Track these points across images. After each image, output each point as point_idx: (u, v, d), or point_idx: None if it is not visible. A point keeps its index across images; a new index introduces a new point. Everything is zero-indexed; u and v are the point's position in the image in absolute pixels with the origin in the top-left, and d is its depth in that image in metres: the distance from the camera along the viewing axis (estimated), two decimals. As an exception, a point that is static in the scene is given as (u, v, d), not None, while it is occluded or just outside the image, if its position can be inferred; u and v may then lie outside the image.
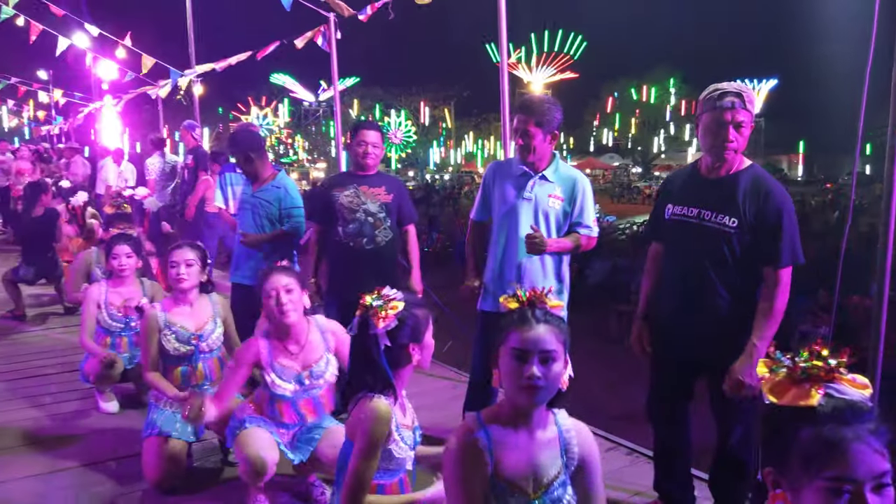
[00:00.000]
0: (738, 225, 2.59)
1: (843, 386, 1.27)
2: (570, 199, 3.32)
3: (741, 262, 2.61)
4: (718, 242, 2.62)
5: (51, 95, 18.25)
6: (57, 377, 4.86)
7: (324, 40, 6.80)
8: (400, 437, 2.22)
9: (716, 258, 2.64)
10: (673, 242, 2.86)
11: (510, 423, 1.81)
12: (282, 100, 48.86)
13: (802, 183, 48.49)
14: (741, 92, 2.58)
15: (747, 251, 2.60)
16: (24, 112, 26.94)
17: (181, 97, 10.46)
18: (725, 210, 2.61)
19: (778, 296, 2.57)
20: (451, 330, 5.62)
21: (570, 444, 1.86)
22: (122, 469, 3.45)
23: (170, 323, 3.46)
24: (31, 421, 4.07)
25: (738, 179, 2.64)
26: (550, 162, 3.33)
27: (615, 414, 5.01)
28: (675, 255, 2.84)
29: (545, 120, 3.20)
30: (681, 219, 2.76)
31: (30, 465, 3.49)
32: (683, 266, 2.76)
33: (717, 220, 2.63)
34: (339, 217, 3.95)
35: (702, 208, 2.68)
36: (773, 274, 2.57)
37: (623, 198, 39.77)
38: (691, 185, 2.80)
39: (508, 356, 1.77)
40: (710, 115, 2.62)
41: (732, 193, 2.62)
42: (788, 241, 2.55)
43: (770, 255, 2.56)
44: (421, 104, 50.31)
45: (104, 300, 4.34)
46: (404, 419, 2.29)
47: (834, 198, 28.49)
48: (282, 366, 2.94)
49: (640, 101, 54.67)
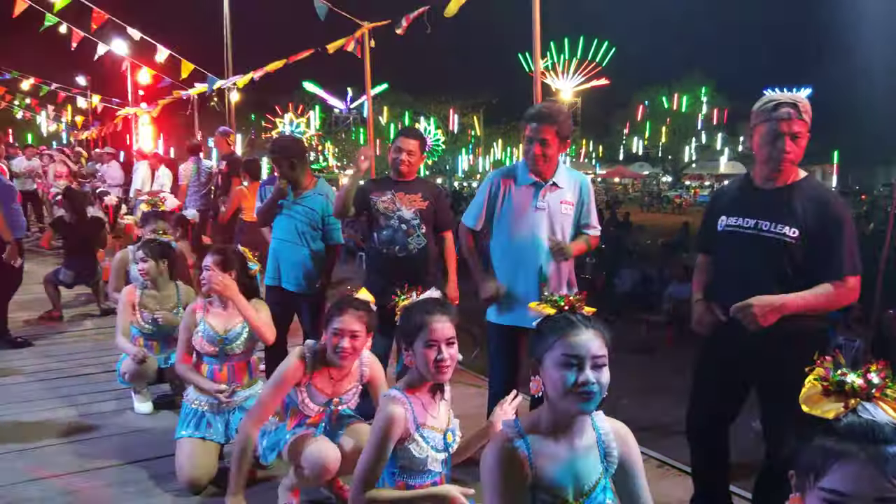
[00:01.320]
0: (798, 235, 2.54)
1: (878, 407, 1.25)
2: (579, 201, 3.37)
3: (800, 272, 2.56)
4: (777, 253, 2.58)
5: (89, 101, 18.67)
6: (93, 377, 4.97)
7: (356, 46, 6.89)
8: (421, 438, 2.25)
9: (774, 268, 2.59)
10: (727, 253, 2.80)
11: (550, 432, 1.79)
12: (313, 107, 49.31)
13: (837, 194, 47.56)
14: (796, 102, 2.57)
15: (806, 261, 2.56)
16: (63, 117, 27.54)
17: (215, 103, 10.62)
18: (785, 220, 2.57)
19: (840, 293, 2.52)
20: (478, 338, 5.63)
21: (610, 448, 1.85)
22: (156, 469, 3.51)
23: (203, 321, 3.53)
24: (67, 420, 4.16)
25: (796, 189, 2.61)
26: (557, 169, 3.35)
27: (644, 425, 4.96)
28: (730, 265, 2.78)
29: (563, 128, 3.24)
30: (735, 229, 2.72)
31: (65, 463, 3.57)
32: (739, 277, 2.69)
33: (775, 231, 2.59)
34: (375, 222, 4.00)
35: (759, 219, 2.64)
36: (839, 282, 2.53)
37: (652, 207, 39.43)
38: (746, 196, 2.76)
39: (556, 364, 1.73)
40: (765, 125, 2.60)
41: (791, 203, 2.58)
42: (849, 250, 2.52)
43: (831, 264, 2.53)
44: (450, 111, 50.44)
45: (139, 302, 4.44)
46: (432, 421, 2.31)
47: (869, 209, 27.95)
48: (316, 389, 2.92)
49: (670, 110, 54.11)
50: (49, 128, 31.96)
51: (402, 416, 2.22)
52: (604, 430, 1.86)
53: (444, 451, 2.32)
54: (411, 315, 2.28)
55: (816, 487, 1.21)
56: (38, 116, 26.91)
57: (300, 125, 43.58)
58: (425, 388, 2.34)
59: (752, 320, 2.52)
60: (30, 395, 4.59)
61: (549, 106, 3.35)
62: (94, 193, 9.54)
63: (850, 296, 2.55)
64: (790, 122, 2.55)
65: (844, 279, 2.52)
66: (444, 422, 2.38)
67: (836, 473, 1.19)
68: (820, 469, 1.21)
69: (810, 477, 1.23)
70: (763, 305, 2.51)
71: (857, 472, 1.17)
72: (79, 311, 7.01)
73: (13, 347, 5.61)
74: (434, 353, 2.22)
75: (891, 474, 1.16)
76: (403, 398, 2.26)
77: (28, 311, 6.68)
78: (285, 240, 4.32)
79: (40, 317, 6.57)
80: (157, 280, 4.47)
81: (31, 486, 3.31)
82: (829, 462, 1.20)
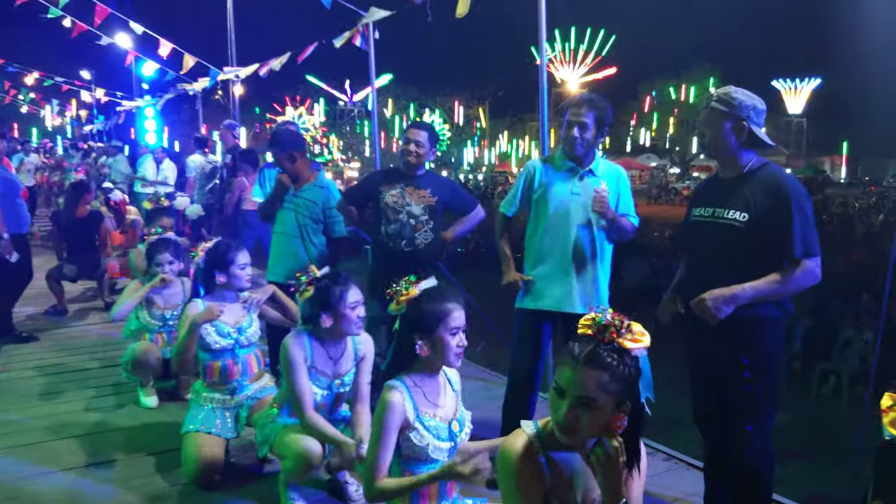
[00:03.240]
0: (747, 220, 2.61)
1: None
2: (615, 192, 3.36)
3: (752, 257, 2.60)
4: (729, 238, 2.65)
5: (93, 94, 18.67)
6: (98, 371, 4.96)
7: (362, 40, 6.83)
8: (422, 426, 2.23)
9: (726, 255, 2.65)
10: (692, 243, 2.93)
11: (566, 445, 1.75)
12: (317, 99, 49.28)
13: (845, 185, 47.38)
14: (715, 93, 2.73)
15: (758, 246, 2.59)
16: (67, 112, 27.62)
17: (220, 96, 10.59)
18: (735, 206, 2.65)
19: (792, 277, 2.55)
20: (484, 331, 5.60)
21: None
22: (161, 464, 3.51)
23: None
24: (73, 414, 4.15)
25: (749, 177, 2.69)
26: (594, 157, 3.36)
27: (653, 418, 4.93)
28: (693, 255, 2.91)
29: (603, 115, 3.27)
30: (698, 219, 2.83)
31: (70, 457, 3.57)
32: (699, 264, 2.82)
33: (727, 217, 2.67)
34: (383, 216, 3.97)
35: (716, 207, 2.73)
36: (794, 265, 2.55)
37: (660, 199, 39.27)
38: (710, 187, 2.91)
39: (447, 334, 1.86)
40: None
41: (743, 190, 2.67)
42: (800, 231, 2.54)
43: (782, 248, 2.56)
44: (455, 104, 50.34)
45: (146, 299, 4.46)
46: (436, 410, 2.29)
47: (879, 200, 27.78)
48: (318, 371, 2.96)
49: (678, 101, 53.87)
50: (54, 122, 32.06)
51: (399, 404, 2.21)
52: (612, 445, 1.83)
53: (448, 441, 2.29)
54: (429, 304, 2.27)
55: None
56: (43, 111, 26.99)
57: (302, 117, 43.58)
58: (429, 378, 2.33)
59: (708, 314, 2.60)
60: (35, 389, 4.58)
61: (590, 93, 3.46)
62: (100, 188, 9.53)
63: (807, 278, 2.56)
64: (700, 113, 2.79)
65: (798, 262, 2.55)
66: (450, 411, 2.36)
67: None
68: None
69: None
70: (715, 298, 2.59)
71: None
72: (83, 305, 7.01)
73: (18, 342, 5.61)
74: (457, 339, 2.27)
75: None
76: (401, 386, 2.25)
77: (33, 306, 6.68)
78: (286, 233, 4.31)
79: (45, 311, 6.57)
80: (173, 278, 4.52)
81: (37, 481, 3.30)
82: None
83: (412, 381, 2.29)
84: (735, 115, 2.66)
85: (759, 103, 2.70)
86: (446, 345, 2.26)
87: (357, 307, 2.90)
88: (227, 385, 3.53)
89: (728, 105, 2.67)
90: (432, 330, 2.25)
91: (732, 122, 2.67)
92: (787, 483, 3.18)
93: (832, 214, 21.16)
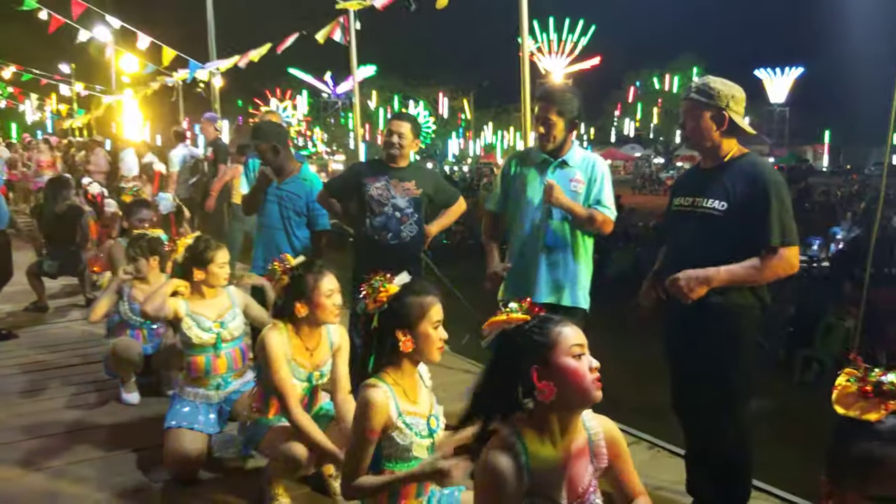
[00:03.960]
0: (726, 208, 2.62)
1: None
2: (590, 181, 3.34)
3: (731, 246, 2.61)
4: (708, 227, 2.66)
5: (72, 88, 18.44)
6: (79, 368, 4.91)
7: (342, 33, 6.77)
8: (405, 425, 2.22)
9: (705, 243, 2.66)
10: (673, 232, 2.95)
11: (547, 436, 1.75)
12: (300, 91, 48.99)
13: (828, 173, 47.80)
14: (694, 84, 2.75)
15: (737, 235, 2.60)
16: (47, 106, 27.28)
17: (201, 90, 10.49)
18: (714, 195, 2.66)
19: (768, 266, 2.56)
20: (469, 323, 5.59)
21: (600, 448, 1.84)
22: (144, 460, 3.48)
23: (192, 312, 3.48)
24: (54, 412, 4.11)
25: (729, 166, 2.70)
26: (569, 149, 3.35)
27: (635, 406, 4.96)
28: (674, 244, 2.92)
29: (566, 108, 3.25)
30: (679, 209, 2.85)
31: (52, 455, 3.53)
32: (679, 253, 2.82)
33: (706, 206, 2.68)
34: (368, 209, 3.94)
35: (696, 196, 2.74)
36: (771, 254, 2.56)
37: (645, 189, 39.41)
38: (692, 177, 2.92)
39: (569, 356, 1.70)
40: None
41: (722, 179, 2.68)
42: (778, 220, 2.54)
43: (759, 236, 2.57)
44: (439, 95, 50.22)
45: (127, 293, 4.41)
46: (413, 407, 2.28)
47: (860, 188, 28.04)
48: (297, 364, 2.93)
49: (662, 91, 54.07)
50: (34, 117, 31.66)
51: (383, 403, 2.18)
52: (594, 431, 1.85)
53: (428, 437, 2.28)
54: (411, 298, 2.25)
55: (861, 495, 1.16)
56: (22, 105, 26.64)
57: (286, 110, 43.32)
58: (406, 374, 2.30)
59: (681, 293, 2.62)
60: (15, 387, 4.53)
61: (553, 87, 3.45)
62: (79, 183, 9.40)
63: (784, 267, 2.57)
64: (681, 104, 2.80)
65: (775, 250, 2.55)
66: (426, 407, 2.35)
67: (884, 479, 1.14)
68: (864, 475, 1.16)
69: (850, 483, 1.18)
70: (689, 278, 2.60)
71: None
72: (64, 301, 6.93)
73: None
74: (439, 332, 2.27)
75: None
76: (383, 384, 2.22)
77: (12, 303, 6.58)
78: (270, 226, 4.28)
79: (26, 308, 6.49)
80: (147, 275, 4.46)
81: (17, 482, 3.26)
82: (873, 468, 1.15)
83: (392, 378, 2.27)
84: (714, 104, 2.66)
85: (737, 92, 2.70)
86: (428, 338, 2.25)
87: (332, 295, 2.88)
88: (212, 380, 3.50)
89: (707, 95, 2.67)
90: (415, 324, 2.23)
91: (712, 112, 2.67)
92: (770, 469, 3.20)
93: (814, 203, 21.36)
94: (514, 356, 1.75)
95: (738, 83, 2.73)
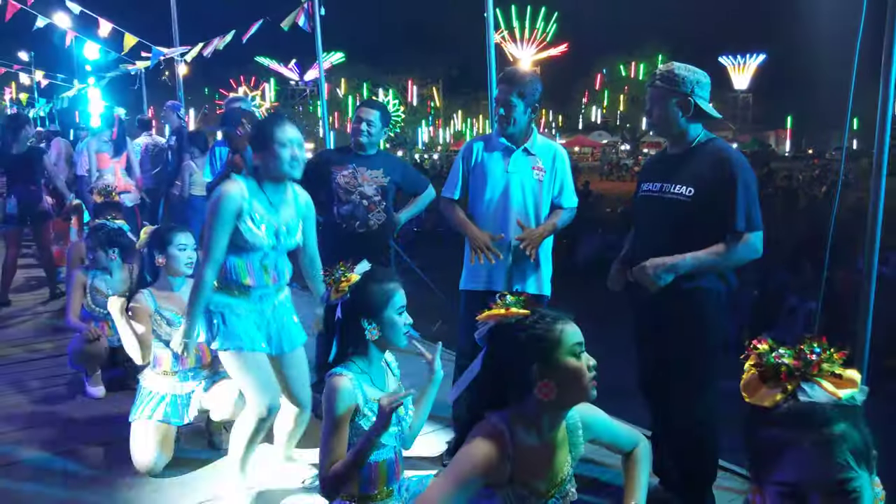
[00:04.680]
0: (693, 194, 2.65)
1: (815, 386, 1.18)
2: (552, 170, 3.34)
3: (697, 231, 2.64)
4: (675, 212, 2.69)
5: (32, 77, 17.98)
6: (43, 363, 4.83)
7: (306, 19, 6.69)
8: (371, 413, 2.21)
9: (672, 229, 2.69)
10: (639, 217, 2.98)
11: (535, 429, 1.75)
12: (268, 79, 48.40)
13: (790, 158, 48.64)
14: (658, 71, 2.78)
15: (703, 220, 2.63)
16: (7, 94, 26.59)
17: (166, 77, 10.29)
18: (682, 180, 2.69)
19: (733, 251, 2.60)
20: (440, 310, 5.61)
21: (577, 437, 1.86)
22: (110, 454, 3.44)
23: (161, 308, 3.43)
24: (18, 407, 4.04)
25: (695, 152, 2.74)
26: (530, 135, 3.33)
27: (604, 387, 5.02)
28: (641, 229, 2.94)
29: (526, 91, 3.23)
30: (646, 194, 2.87)
31: (16, 451, 3.47)
32: (646, 239, 2.85)
33: (674, 191, 2.71)
34: (335, 197, 3.90)
35: (663, 182, 2.77)
36: (736, 239, 2.60)
37: (612, 175, 39.78)
38: (657, 163, 2.94)
39: (571, 354, 1.69)
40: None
41: (689, 164, 2.71)
42: (743, 205, 2.58)
43: (724, 221, 2.60)
44: (409, 83, 50.00)
45: (90, 285, 4.36)
46: (382, 395, 2.27)
47: (821, 173, 28.63)
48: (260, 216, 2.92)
49: (628, 78, 54.47)
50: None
51: (349, 390, 2.18)
52: (571, 420, 1.85)
53: (396, 425, 2.29)
54: (374, 286, 2.26)
55: (769, 482, 1.15)
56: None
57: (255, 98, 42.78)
58: (373, 362, 2.31)
59: (648, 281, 2.66)
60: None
61: (514, 70, 3.43)
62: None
63: (748, 252, 2.61)
64: (647, 91, 2.81)
65: (740, 235, 2.60)
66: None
67: (785, 465, 1.13)
68: (768, 462, 1.16)
69: (761, 471, 1.17)
70: (656, 266, 2.65)
71: (804, 461, 1.11)
72: (29, 295, 6.80)
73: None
74: (404, 317, 2.29)
75: (837, 456, 1.10)
76: (348, 373, 2.22)
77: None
78: None
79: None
80: (108, 266, 4.41)
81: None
82: (775, 454, 1.14)
83: (358, 367, 2.27)
84: (680, 91, 2.69)
85: (702, 77, 2.73)
86: (395, 325, 2.27)
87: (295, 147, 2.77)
88: (179, 374, 3.46)
89: (671, 82, 2.70)
90: (380, 311, 2.24)
91: (678, 98, 2.70)
92: (737, 450, 3.27)
93: (777, 188, 21.74)
94: (514, 352, 1.72)
95: (701, 69, 2.76)
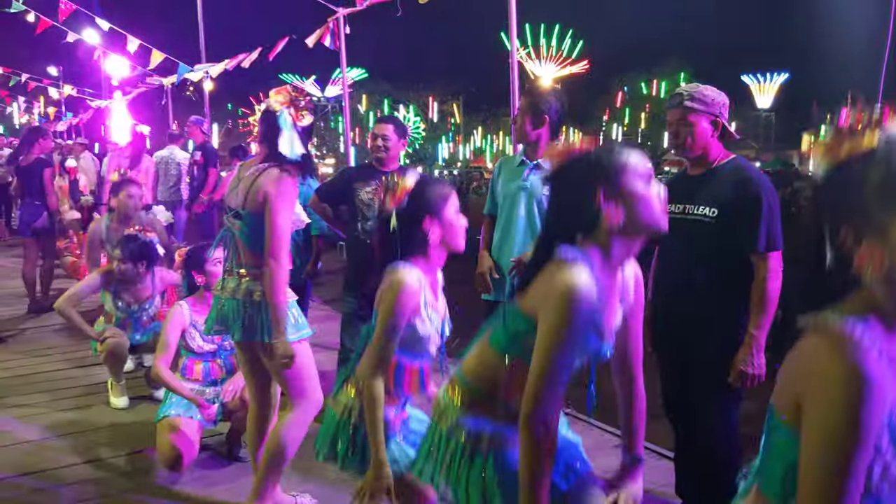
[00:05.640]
0: (717, 215, 2.64)
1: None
2: None
3: (722, 252, 2.63)
4: (699, 233, 2.67)
5: (60, 91, 18.32)
6: (67, 373, 4.88)
7: (332, 38, 6.78)
8: (427, 316, 2.15)
9: (698, 250, 2.68)
10: (664, 240, 2.90)
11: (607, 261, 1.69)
12: (290, 96, 48.90)
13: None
14: (686, 91, 2.73)
15: (728, 240, 2.63)
16: (35, 108, 27.09)
17: (191, 92, 10.45)
18: (705, 202, 2.68)
19: (767, 282, 2.59)
20: (459, 326, 5.60)
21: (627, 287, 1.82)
22: (133, 464, 3.47)
23: (195, 322, 3.47)
24: (42, 417, 4.08)
25: (718, 172, 2.72)
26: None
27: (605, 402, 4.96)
28: (665, 251, 2.93)
29: (541, 108, 3.28)
30: (670, 216, 2.80)
31: (41, 461, 3.50)
32: (671, 261, 2.85)
33: (697, 213, 2.70)
34: (359, 213, 3.95)
35: (686, 203, 2.75)
36: (759, 260, 2.59)
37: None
38: (679, 184, 2.91)
39: (639, 182, 1.67)
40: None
41: (711, 185, 2.70)
42: (765, 226, 2.57)
43: (747, 241, 2.59)
44: (429, 99, 50.27)
45: (113, 289, 4.43)
46: (436, 303, 2.23)
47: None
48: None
49: (650, 96, 54.28)
50: (21, 119, 31.43)
51: (415, 285, 2.07)
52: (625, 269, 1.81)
53: (440, 337, 2.24)
54: (431, 187, 2.19)
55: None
56: (10, 108, 26.45)
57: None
58: (430, 271, 2.21)
59: (755, 378, 2.60)
60: (3, 393, 4.49)
61: (536, 85, 3.54)
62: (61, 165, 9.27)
63: (774, 278, 2.58)
64: (672, 113, 2.75)
65: (763, 255, 2.58)
66: (442, 310, 2.28)
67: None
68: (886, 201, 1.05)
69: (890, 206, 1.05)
70: (747, 361, 2.59)
71: None
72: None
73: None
74: (462, 219, 2.19)
75: None
76: (414, 269, 2.10)
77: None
78: None
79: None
80: (135, 279, 4.44)
81: (4, 486, 3.24)
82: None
83: (419, 269, 2.14)
84: (710, 112, 2.69)
85: (725, 98, 2.75)
86: (453, 224, 2.16)
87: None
88: (208, 383, 3.50)
89: (702, 103, 2.69)
90: (440, 210, 2.14)
91: (708, 119, 2.70)
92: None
93: (799, 207, 21.52)
94: (579, 177, 1.64)
95: (724, 88, 2.77)
